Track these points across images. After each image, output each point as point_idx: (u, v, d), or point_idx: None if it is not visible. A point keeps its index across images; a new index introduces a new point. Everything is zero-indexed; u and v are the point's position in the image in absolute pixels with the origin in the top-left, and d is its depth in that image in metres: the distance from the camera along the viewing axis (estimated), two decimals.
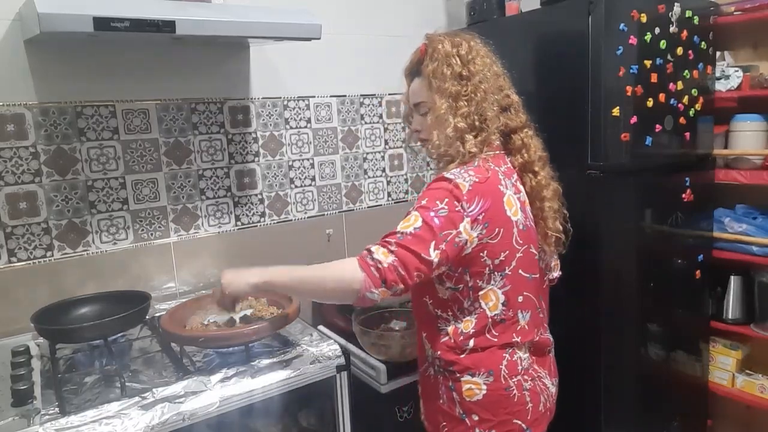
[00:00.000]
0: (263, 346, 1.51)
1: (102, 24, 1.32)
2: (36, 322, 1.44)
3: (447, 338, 1.30)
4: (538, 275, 1.35)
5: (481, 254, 1.24)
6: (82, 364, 1.50)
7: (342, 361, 1.49)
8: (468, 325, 1.28)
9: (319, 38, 1.71)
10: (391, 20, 2.31)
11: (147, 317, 1.59)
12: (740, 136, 2.13)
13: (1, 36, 1.59)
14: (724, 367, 2.28)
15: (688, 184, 2.06)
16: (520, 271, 1.29)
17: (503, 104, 1.34)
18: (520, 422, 1.30)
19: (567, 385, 1.50)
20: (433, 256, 1.17)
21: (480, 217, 1.21)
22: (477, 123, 1.28)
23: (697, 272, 2.17)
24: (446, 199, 1.20)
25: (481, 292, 1.27)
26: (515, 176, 1.34)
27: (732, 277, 2.22)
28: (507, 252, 1.26)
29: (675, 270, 2.12)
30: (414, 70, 1.39)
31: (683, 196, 2.06)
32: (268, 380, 1.38)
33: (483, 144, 1.29)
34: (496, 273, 1.26)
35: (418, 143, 1.43)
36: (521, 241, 1.29)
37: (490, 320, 1.28)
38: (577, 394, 1.51)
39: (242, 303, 1.58)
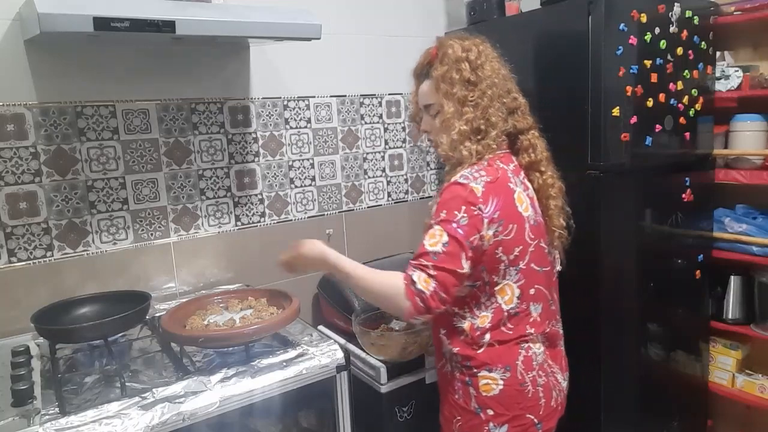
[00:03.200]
0: (263, 346, 1.51)
1: (102, 24, 1.32)
2: (36, 322, 1.43)
3: (463, 334, 1.33)
4: (548, 268, 1.40)
5: (497, 251, 1.27)
6: (82, 364, 1.49)
7: (342, 361, 1.48)
8: (484, 320, 1.31)
9: (319, 38, 1.71)
10: (391, 20, 2.31)
11: (147, 317, 1.59)
12: (740, 136, 2.13)
13: (1, 36, 1.59)
14: (724, 367, 2.28)
15: (688, 184, 2.06)
16: (532, 265, 1.33)
17: (511, 107, 1.37)
18: (532, 417, 1.33)
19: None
20: (466, 267, 1.23)
21: (495, 216, 1.26)
22: (482, 127, 1.31)
23: (697, 272, 2.17)
24: (463, 207, 1.23)
25: (497, 287, 1.31)
26: (522, 174, 1.38)
27: (732, 277, 2.22)
28: (521, 247, 1.30)
29: (675, 270, 2.12)
30: (423, 72, 1.41)
31: (683, 196, 2.06)
32: (268, 380, 1.37)
33: (488, 146, 1.32)
34: (511, 268, 1.30)
35: (427, 143, 1.45)
36: (533, 236, 1.33)
37: (505, 314, 1.31)
38: (576, 393, 1.51)
39: (242, 304, 1.59)
